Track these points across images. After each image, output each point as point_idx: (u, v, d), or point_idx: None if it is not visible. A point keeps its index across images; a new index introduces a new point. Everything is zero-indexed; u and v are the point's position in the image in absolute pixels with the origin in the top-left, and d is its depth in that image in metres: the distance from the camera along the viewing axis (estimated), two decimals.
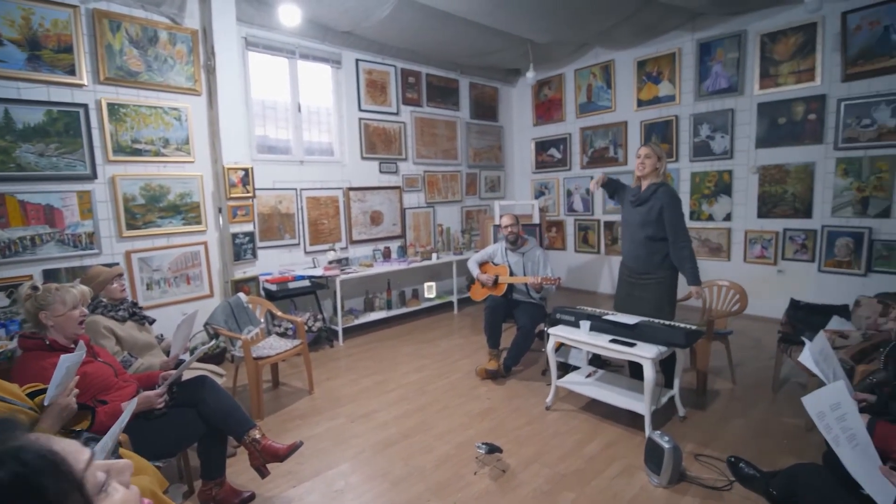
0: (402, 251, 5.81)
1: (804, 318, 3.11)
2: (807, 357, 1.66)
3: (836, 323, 2.91)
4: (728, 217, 5.29)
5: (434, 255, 5.64)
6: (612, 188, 3.41)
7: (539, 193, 7.16)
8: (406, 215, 5.98)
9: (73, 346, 1.89)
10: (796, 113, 4.72)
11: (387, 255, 5.63)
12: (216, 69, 4.13)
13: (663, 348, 2.66)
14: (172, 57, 4.00)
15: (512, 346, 3.71)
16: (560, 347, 3.64)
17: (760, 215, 5.05)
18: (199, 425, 2.09)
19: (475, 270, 4.12)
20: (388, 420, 3.08)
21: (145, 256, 3.90)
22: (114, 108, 3.71)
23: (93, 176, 3.63)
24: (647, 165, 3.01)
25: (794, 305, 3.28)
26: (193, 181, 4.15)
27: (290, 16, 3.73)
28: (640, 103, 5.89)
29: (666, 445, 2.23)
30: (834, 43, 4.44)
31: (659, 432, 2.33)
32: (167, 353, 2.61)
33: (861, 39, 4.29)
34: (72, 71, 3.49)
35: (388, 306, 5.53)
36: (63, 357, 1.49)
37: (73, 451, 0.59)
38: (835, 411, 1.33)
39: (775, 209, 4.94)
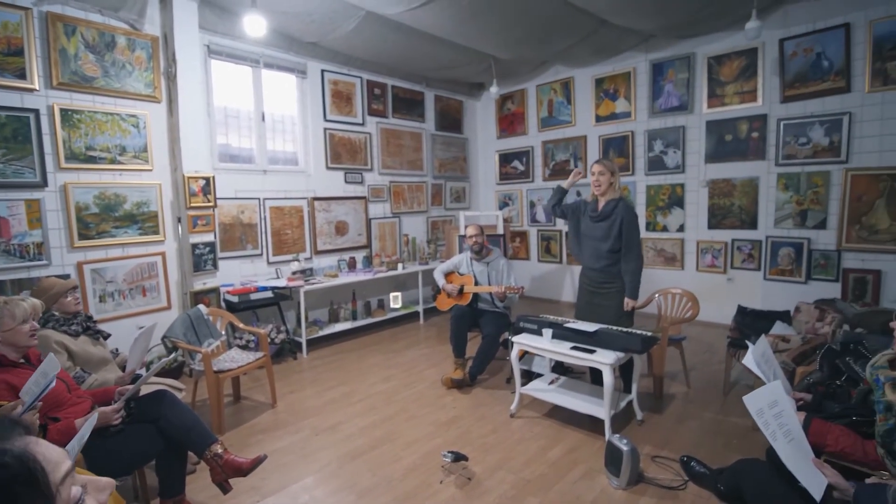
0: (368, 261, 5.79)
1: (750, 324, 3.31)
2: (749, 359, 1.79)
3: (778, 328, 3.11)
4: (681, 228, 5.56)
5: (400, 266, 5.65)
6: (559, 200, 3.50)
7: (503, 204, 7.30)
8: (371, 225, 5.98)
9: (22, 361, 1.81)
10: (741, 131, 5.04)
11: (352, 265, 5.61)
12: (177, 76, 4.05)
13: (621, 354, 2.77)
14: (131, 63, 3.90)
15: (477, 354, 3.77)
16: (524, 355, 3.73)
17: (711, 226, 5.33)
18: (157, 441, 2.03)
19: (441, 280, 4.16)
20: (353, 431, 3.06)
21: (98, 267, 3.75)
22: (67, 114, 3.58)
23: (43, 184, 3.47)
24: (602, 182, 3.15)
25: (742, 312, 3.48)
26: (151, 190, 4.03)
27: (255, 26, 3.70)
28: (599, 119, 6.14)
29: (624, 448, 2.32)
30: (773, 67, 4.78)
31: (618, 436, 2.43)
32: (123, 368, 2.52)
33: (797, 64, 4.64)
34: (22, 75, 3.35)
35: (354, 317, 5.50)
36: (42, 369, 1.44)
37: (55, 461, 0.58)
38: (772, 409, 1.44)
39: (724, 221, 5.23)
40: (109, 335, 2.68)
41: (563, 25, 4.72)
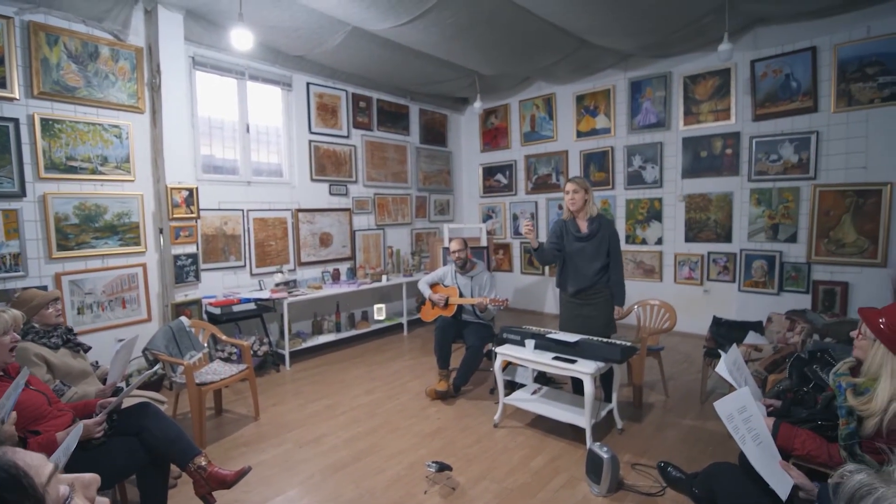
0: (352, 273, 5.80)
1: (725, 334, 3.41)
2: (722, 367, 1.87)
3: (751, 337, 3.22)
4: (659, 241, 5.71)
5: (384, 277, 5.67)
6: (545, 255, 3.40)
7: (486, 217, 7.39)
8: (356, 237, 6.00)
9: (1, 373, 1.79)
10: (715, 147, 5.22)
11: (336, 277, 5.61)
12: (161, 87, 4.05)
13: (601, 364, 2.84)
14: (114, 73, 3.89)
15: (461, 365, 3.80)
16: (507, 366, 3.77)
17: (688, 239, 5.49)
18: (140, 455, 2.01)
19: (426, 291, 4.20)
20: (337, 444, 3.05)
21: (77, 279, 3.70)
22: (48, 124, 3.55)
23: (21, 193, 3.43)
24: (577, 200, 3.23)
25: (717, 322, 3.59)
26: (133, 201, 4.00)
27: (242, 40, 3.73)
28: (580, 134, 6.29)
29: (605, 456, 2.37)
30: (745, 87, 4.99)
31: (598, 444, 2.48)
32: (103, 380, 2.49)
33: (767, 85, 4.85)
34: (2, 84, 3.32)
35: (338, 329, 5.48)
36: (16, 381, 1.43)
37: (36, 464, 0.60)
38: (742, 414, 1.51)
39: (700, 234, 5.39)
40: (90, 348, 2.64)
41: (545, 44, 4.86)
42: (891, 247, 4.25)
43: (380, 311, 5.86)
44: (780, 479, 1.42)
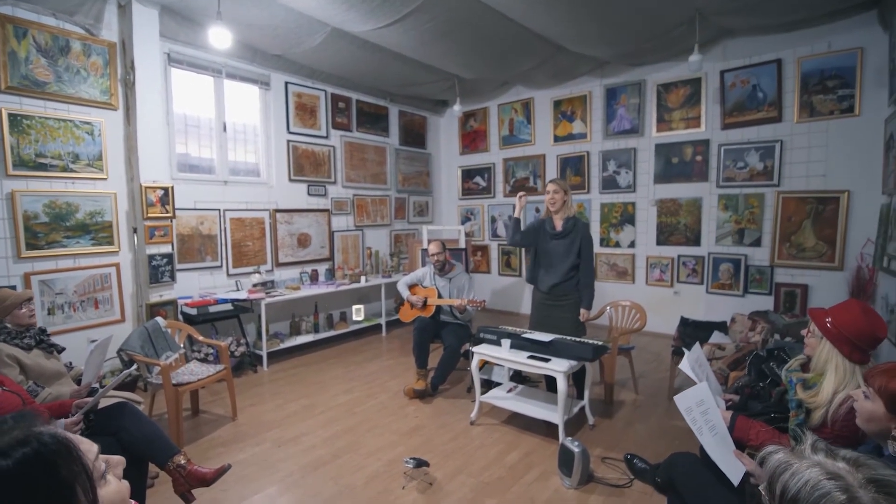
0: (331, 274, 5.80)
1: (692, 333, 3.56)
2: (685, 364, 1.97)
3: (716, 337, 3.37)
4: (632, 244, 5.87)
5: (363, 278, 5.69)
6: (519, 236, 3.54)
7: (465, 219, 7.47)
8: (335, 238, 6.00)
9: None
10: (686, 154, 5.41)
11: (314, 277, 5.60)
12: (135, 84, 4.00)
13: (574, 362, 2.94)
14: (86, 69, 3.83)
15: (439, 365, 3.86)
16: (484, 366, 3.85)
17: (659, 243, 5.66)
18: (117, 454, 2.00)
19: (405, 292, 4.24)
20: (316, 442, 3.08)
21: (48, 279, 3.62)
22: (16, 120, 3.47)
23: None
24: (557, 200, 3.37)
25: (684, 323, 3.74)
26: (106, 199, 3.94)
27: (220, 39, 3.72)
28: (557, 139, 6.42)
29: (576, 450, 2.46)
30: (715, 96, 5.19)
31: (570, 439, 2.57)
32: (77, 381, 2.47)
33: (735, 95, 5.05)
34: None
35: (316, 329, 5.48)
36: None
37: (86, 442, 0.70)
38: (700, 407, 1.62)
39: (671, 238, 5.57)
40: (63, 349, 2.61)
41: (523, 49, 4.96)
42: (847, 251, 4.48)
43: (358, 312, 5.88)
44: (734, 466, 1.53)
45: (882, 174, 4.08)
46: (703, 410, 1.61)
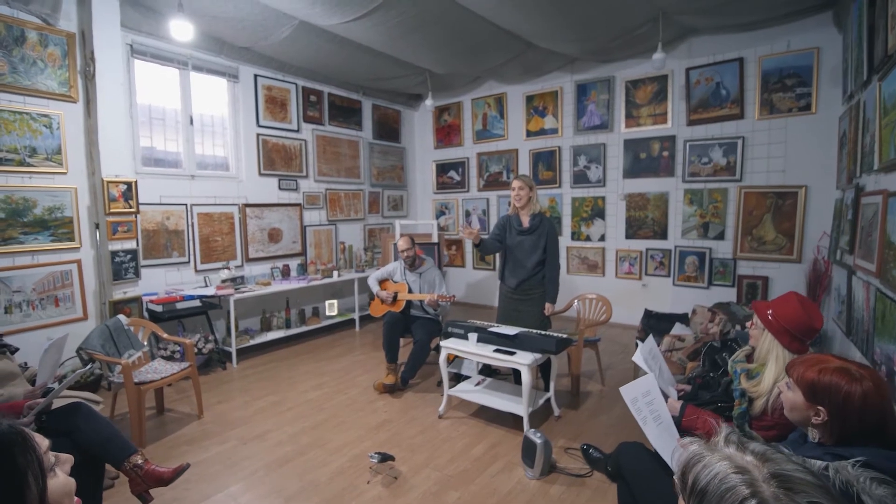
0: (303, 269, 5.75)
1: (655, 325, 3.66)
2: (638, 356, 2.03)
3: (677, 328, 3.47)
4: (602, 238, 5.98)
5: (335, 273, 5.66)
6: (486, 247, 3.59)
7: (440, 213, 7.49)
8: (307, 233, 5.95)
9: None
10: (653, 150, 5.52)
11: (286, 272, 5.55)
12: (95, 76, 3.88)
13: (538, 355, 2.99)
14: (43, 59, 3.70)
15: (409, 359, 3.88)
16: (454, 359, 3.89)
17: (628, 236, 5.78)
18: (72, 455, 1.97)
19: (375, 287, 4.25)
20: (282, 439, 3.07)
21: (4, 276, 3.51)
22: None
23: None
24: (522, 197, 3.42)
25: (647, 315, 3.84)
26: (66, 194, 3.83)
27: (181, 31, 3.63)
28: (529, 133, 6.48)
29: (538, 441, 2.52)
30: (680, 93, 5.30)
31: (533, 430, 2.63)
32: (33, 382, 2.41)
33: (700, 92, 5.17)
34: None
35: (287, 325, 5.43)
36: None
37: (38, 437, 0.75)
38: (645, 397, 1.68)
39: (639, 231, 5.69)
40: (17, 349, 2.54)
41: (493, 45, 4.97)
42: (805, 244, 4.65)
43: (331, 307, 5.84)
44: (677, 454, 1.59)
45: (836, 169, 4.25)
46: (649, 401, 1.67)
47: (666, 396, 1.87)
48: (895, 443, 1.14)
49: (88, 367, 2.34)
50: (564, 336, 3.11)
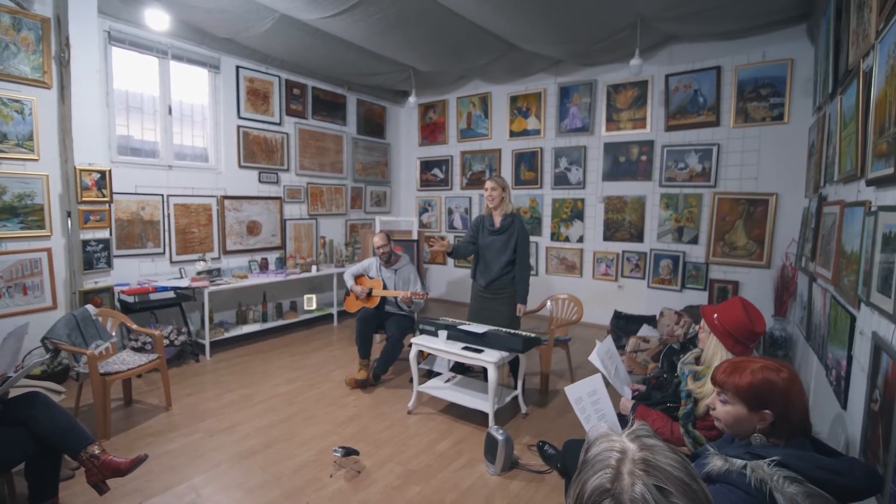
0: (281, 262, 5.74)
1: (623, 326, 3.73)
2: (594, 356, 2.09)
3: (644, 330, 3.54)
4: (581, 239, 6.05)
5: (314, 268, 5.65)
6: (459, 251, 3.65)
7: (423, 210, 7.51)
8: (287, 226, 5.93)
9: None
10: (632, 153, 5.60)
11: (264, 266, 5.53)
12: (70, 62, 3.83)
13: (505, 353, 3.04)
14: (16, 44, 3.64)
15: (381, 355, 3.90)
16: (427, 356, 3.92)
17: (605, 238, 5.86)
18: (27, 445, 1.97)
19: (350, 282, 4.26)
20: (250, 432, 3.08)
21: None
22: None
23: None
24: (495, 197, 3.47)
25: (617, 316, 3.91)
26: (37, 182, 3.78)
27: (157, 20, 3.60)
28: (512, 134, 6.52)
29: (500, 438, 2.57)
30: (660, 99, 5.38)
31: (496, 427, 2.67)
32: None
33: (678, 98, 5.25)
34: None
35: (264, 319, 5.42)
36: None
37: None
38: (591, 396, 1.73)
39: (616, 234, 5.78)
40: None
41: (476, 45, 5.00)
42: (774, 250, 4.76)
43: (310, 302, 5.84)
44: None
45: (805, 179, 4.35)
46: (595, 400, 1.72)
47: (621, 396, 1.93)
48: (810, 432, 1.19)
49: (47, 356, 2.32)
50: (532, 335, 3.16)
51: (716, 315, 1.80)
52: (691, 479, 0.64)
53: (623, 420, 1.90)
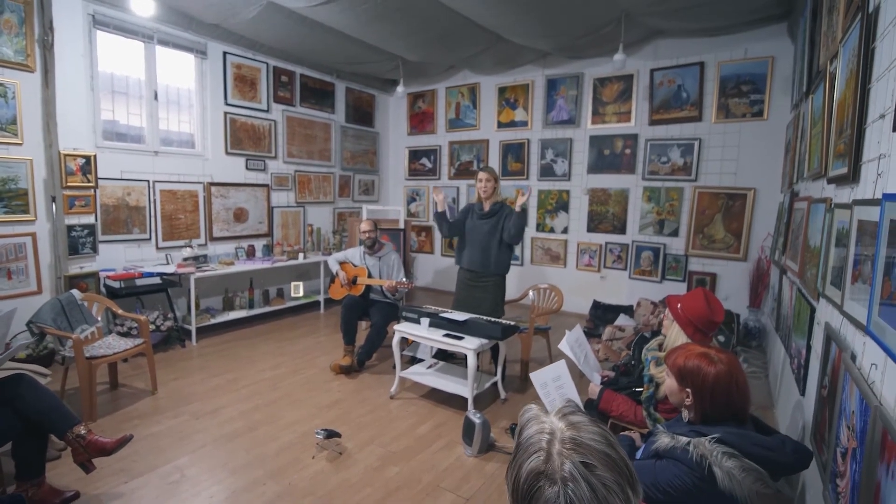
0: (268, 250, 5.77)
1: (601, 316, 3.84)
2: (564, 344, 2.18)
3: (621, 319, 3.66)
4: (565, 230, 6.15)
5: (301, 255, 5.70)
6: (446, 221, 3.83)
7: (411, 199, 7.55)
8: (274, 214, 5.95)
9: None
10: (617, 147, 5.69)
11: (251, 253, 5.56)
12: (54, 45, 3.81)
13: (485, 341, 3.13)
14: None
15: (365, 341, 3.99)
16: (411, 343, 4.01)
17: (589, 230, 5.96)
18: (13, 424, 2.02)
19: (335, 266, 4.33)
20: (234, 415, 3.15)
21: None
22: None
23: None
24: (488, 189, 3.63)
25: (595, 305, 4.02)
26: (20, 166, 3.77)
27: (142, 5, 3.58)
28: (500, 125, 6.57)
29: (477, 421, 2.67)
30: (644, 93, 5.45)
31: (474, 411, 2.77)
32: None
33: (662, 93, 5.33)
34: None
35: (250, 305, 5.47)
36: None
37: None
38: (556, 381, 1.82)
39: (600, 225, 5.88)
40: None
41: (463, 36, 5.02)
42: (751, 244, 4.90)
43: (297, 289, 5.89)
44: None
45: (781, 174, 4.47)
46: (559, 385, 1.81)
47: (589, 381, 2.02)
48: (745, 422, 1.30)
49: (32, 340, 2.37)
50: (511, 323, 3.25)
51: (679, 305, 1.90)
52: (611, 449, 0.72)
53: (590, 405, 2.00)
